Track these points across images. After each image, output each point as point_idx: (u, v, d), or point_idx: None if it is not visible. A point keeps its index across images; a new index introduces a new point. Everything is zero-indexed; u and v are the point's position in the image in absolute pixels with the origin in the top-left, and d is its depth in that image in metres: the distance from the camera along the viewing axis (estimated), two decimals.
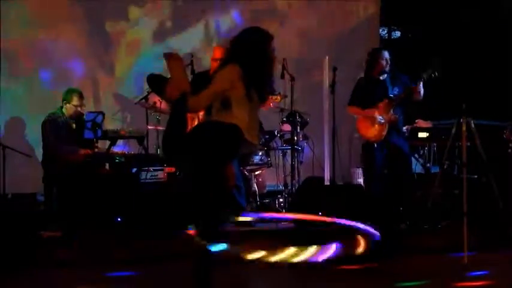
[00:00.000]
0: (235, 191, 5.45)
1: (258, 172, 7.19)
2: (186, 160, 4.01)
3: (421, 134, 6.86)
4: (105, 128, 6.53)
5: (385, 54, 6.46)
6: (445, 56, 8.26)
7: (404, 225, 6.25)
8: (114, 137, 6.50)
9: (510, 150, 6.63)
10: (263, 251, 4.00)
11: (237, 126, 3.81)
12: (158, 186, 6.32)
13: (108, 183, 6.15)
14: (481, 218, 5.71)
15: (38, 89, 8.13)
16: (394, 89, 6.42)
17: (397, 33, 10.21)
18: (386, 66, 6.45)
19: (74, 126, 6.62)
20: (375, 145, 6.36)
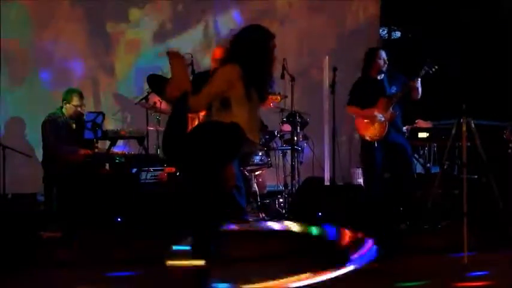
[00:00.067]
0: (235, 191, 5.45)
1: (258, 172, 7.19)
2: (186, 160, 3.98)
3: (421, 134, 6.87)
4: (105, 128, 6.54)
5: (382, 54, 6.46)
6: (445, 56, 8.28)
7: (404, 225, 6.25)
8: (114, 137, 6.51)
9: (510, 150, 6.62)
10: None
11: (237, 125, 3.80)
12: (158, 186, 6.32)
13: (108, 184, 6.15)
14: (481, 218, 5.70)
15: (38, 89, 8.13)
16: (391, 88, 6.42)
17: (397, 33, 10.22)
18: (384, 66, 6.45)
19: (74, 126, 6.63)
20: (375, 144, 6.36)
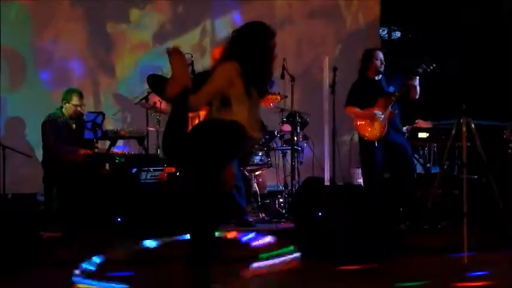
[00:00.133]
0: (235, 191, 5.45)
1: (258, 172, 7.19)
2: (186, 160, 3.97)
3: (421, 134, 6.86)
4: (105, 128, 6.53)
5: (379, 55, 6.45)
6: (445, 56, 8.28)
7: (404, 225, 6.25)
8: (114, 137, 6.50)
9: (510, 151, 6.62)
10: None
11: (238, 123, 3.78)
12: (158, 186, 6.32)
13: (108, 184, 6.15)
14: (481, 218, 5.70)
15: (38, 89, 8.13)
16: (389, 88, 6.42)
17: (397, 33, 10.22)
18: (381, 67, 6.45)
19: (74, 126, 6.63)
20: (374, 144, 6.35)
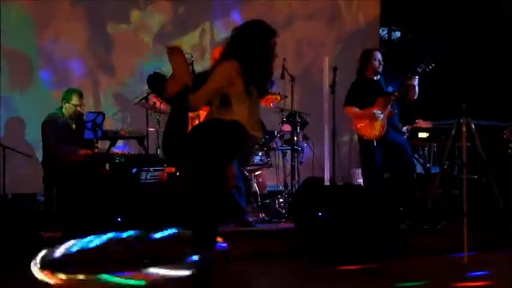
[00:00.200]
0: (235, 191, 5.45)
1: (258, 172, 7.18)
2: (186, 160, 3.96)
3: (421, 134, 6.86)
4: (105, 129, 6.53)
5: (377, 55, 6.45)
6: (445, 56, 8.28)
7: (404, 225, 6.25)
8: (114, 137, 6.49)
9: (510, 151, 6.62)
10: None
11: (238, 122, 3.77)
12: (158, 186, 6.32)
13: (108, 184, 6.14)
14: (481, 218, 5.70)
15: (38, 89, 8.13)
16: (388, 88, 6.42)
17: (397, 33, 10.23)
18: (379, 67, 6.45)
19: (74, 126, 6.63)
20: (374, 144, 6.35)
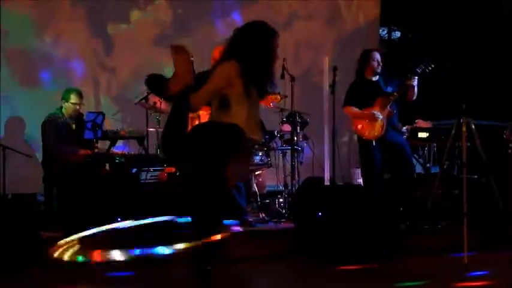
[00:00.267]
0: (235, 191, 5.45)
1: (258, 172, 7.19)
2: (185, 160, 3.96)
3: (421, 134, 6.86)
4: (105, 129, 6.53)
5: (375, 56, 6.45)
6: (445, 56, 8.28)
7: (404, 225, 6.25)
8: (114, 137, 6.49)
9: (510, 150, 6.62)
10: None
11: (236, 125, 3.76)
12: (158, 186, 6.32)
13: (108, 184, 6.15)
14: (481, 218, 5.70)
15: (38, 89, 8.13)
16: (387, 88, 6.42)
17: (397, 33, 10.23)
18: (378, 68, 6.45)
19: (74, 126, 6.63)
20: (373, 144, 6.35)
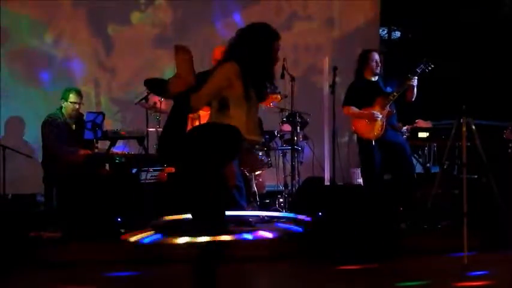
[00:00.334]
0: (235, 191, 5.45)
1: (258, 172, 7.18)
2: (183, 161, 3.94)
3: (421, 134, 6.86)
4: (105, 129, 6.53)
5: (374, 56, 6.44)
6: (445, 56, 8.28)
7: (404, 225, 6.26)
8: (114, 137, 6.49)
9: (510, 150, 6.62)
10: None
11: (234, 127, 3.74)
12: (158, 186, 6.32)
13: (108, 184, 6.14)
14: (481, 218, 5.70)
15: (39, 89, 8.14)
16: (387, 89, 6.42)
17: (397, 33, 10.24)
18: (377, 68, 6.44)
19: (74, 127, 6.63)
20: (372, 143, 6.34)
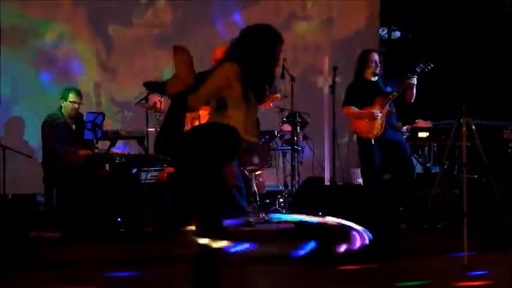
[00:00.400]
0: (235, 191, 5.45)
1: (258, 172, 7.19)
2: (181, 161, 3.94)
3: (421, 134, 6.87)
4: (105, 129, 6.53)
5: (374, 56, 6.44)
6: (445, 56, 8.28)
7: (404, 225, 6.26)
8: (114, 137, 6.49)
9: (510, 150, 6.62)
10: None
11: (232, 127, 3.73)
12: (158, 186, 6.32)
13: (108, 184, 6.15)
14: (481, 218, 5.70)
15: (39, 89, 8.14)
16: (386, 88, 6.42)
17: (397, 33, 10.24)
18: (377, 69, 6.44)
19: (74, 127, 6.63)
20: (372, 143, 6.34)
